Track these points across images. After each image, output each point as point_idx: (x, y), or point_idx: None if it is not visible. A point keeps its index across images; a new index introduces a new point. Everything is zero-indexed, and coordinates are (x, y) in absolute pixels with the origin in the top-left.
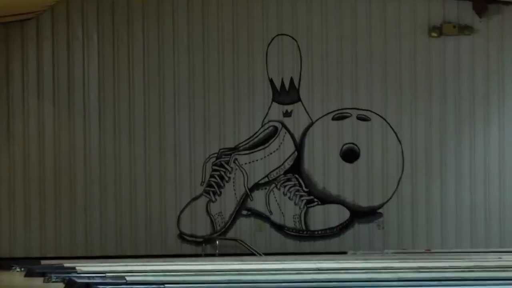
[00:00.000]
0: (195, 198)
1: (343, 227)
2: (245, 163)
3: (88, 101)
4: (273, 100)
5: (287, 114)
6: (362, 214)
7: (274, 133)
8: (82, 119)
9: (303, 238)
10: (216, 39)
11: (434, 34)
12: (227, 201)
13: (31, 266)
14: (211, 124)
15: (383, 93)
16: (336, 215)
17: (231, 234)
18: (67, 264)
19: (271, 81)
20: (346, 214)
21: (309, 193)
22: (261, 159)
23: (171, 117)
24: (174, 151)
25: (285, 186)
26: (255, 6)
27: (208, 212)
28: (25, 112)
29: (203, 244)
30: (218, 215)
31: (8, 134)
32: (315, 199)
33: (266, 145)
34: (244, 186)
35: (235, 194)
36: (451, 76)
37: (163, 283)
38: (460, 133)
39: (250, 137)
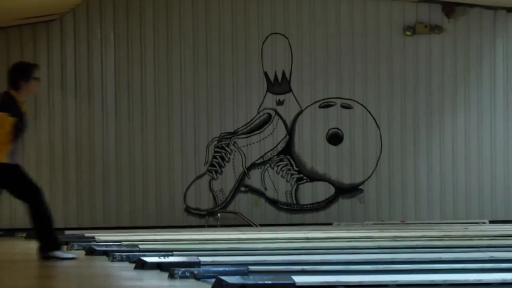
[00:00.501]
0: (199, 176)
1: (328, 202)
2: (243, 146)
3: (105, 94)
4: (268, 90)
5: (279, 103)
6: (345, 190)
7: (268, 119)
8: (101, 110)
9: (294, 211)
10: (218, 38)
11: (408, 33)
12: (227, 179)
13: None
14: (213, 111)
15: (363, 84)
16: (322, 191)
17: (231, 207)
18: (88, 234)
19: (265, 74)
20: (332, 190)
21: (299, 172)
22: (257, 142)
23: (177, 105)
24: (180, 135)
25: (278, 166)
26: (251, 9)
27: (210, 189)
28: (50, 104)
29: (206, 217)
30: (220, 191)
31: (36, 123)
32: (304, 177)
33: (262, 130)
34: (242, 166)
35: (234, 172)
36: (423, 69)
37: (172, 250)
38: (431, 119)
39: (247, 123)
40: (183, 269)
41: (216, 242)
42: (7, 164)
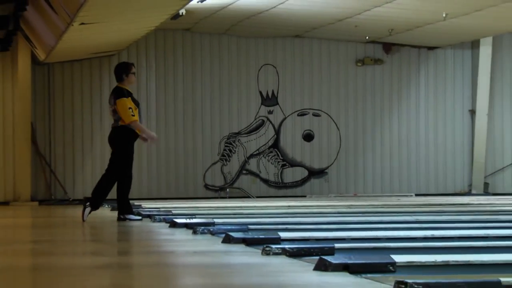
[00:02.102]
0: (214, 163)
1: (304, 181)
2: (245, 142)
3: (149, 105)
4: (262, 103)
5: (270, 112)
6: (315, 173)
7: (262, 123)
8: (145, 115)
9: (279, 187)
10: (227, 67)
11: (359, 64)
12: (234, 165)
13: (113, 204)
14: (223, 117)
15: (328, 99)
16: (299, 173)
17: (236, 185)
18: (136, 203)
19: (260, 92)
20: (306, 172)
21: (283, 160)
22: (254, 139)
23: (199, 114)
24: (201, 134)
25: (268, 156)
26: (251, 47)
27: (222, 171)
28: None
29: (219, 191)
30: (228, 173)
31: (101, 127)
32: (287, 164)
33: (257, 131)
34: (244, 156)
35: (238, 160)
36: (369, 90)
37: (195, 214)
38: (374, 123)
39: (247, 126)
40: (202, 227)
41: (225, 209)
42: (137, 136)
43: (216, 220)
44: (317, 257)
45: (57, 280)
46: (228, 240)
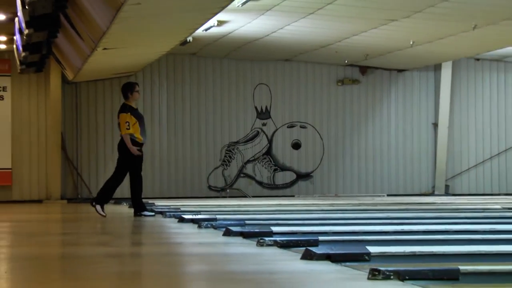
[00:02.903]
0: (216, 167)
1: (292, 183)
2: (243, 150)
3: (161, 118)
4: (257, 117)
5: (264, 124)
6: (302, 176)
7: (257, 134)
8: (158, 125)
9: (272, 189)
10: (227, 85)
11: (339, 84)
12: (233, 169)
13: (131, 202)
14: (224, 128)
15: (313, 114)
16: (289, 176)
17: (235, 186)
18: (150, 201)
19: (255, 107)
20: (294, 176)
21: (275, 165)
22: (250, 147)
23: (203, 126)
24: (205, 142)
25: (262, 161)
26: (247, 70)
27: (223, 175)
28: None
29: (220, 191)
30: (228, 176)
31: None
32: (278, 168)
33: (253, 140)
34: (242, 161)
35: (237, 165)
36: (348, 106)
37: (200, 211)
38: (352, 134)
39: (244, 136)
40: (206, 222)
41: (226, 206)
42: (140, 144)
43: (218, 216)
44: (304, 248)
45: (81, 266)
46: (228, 233)
